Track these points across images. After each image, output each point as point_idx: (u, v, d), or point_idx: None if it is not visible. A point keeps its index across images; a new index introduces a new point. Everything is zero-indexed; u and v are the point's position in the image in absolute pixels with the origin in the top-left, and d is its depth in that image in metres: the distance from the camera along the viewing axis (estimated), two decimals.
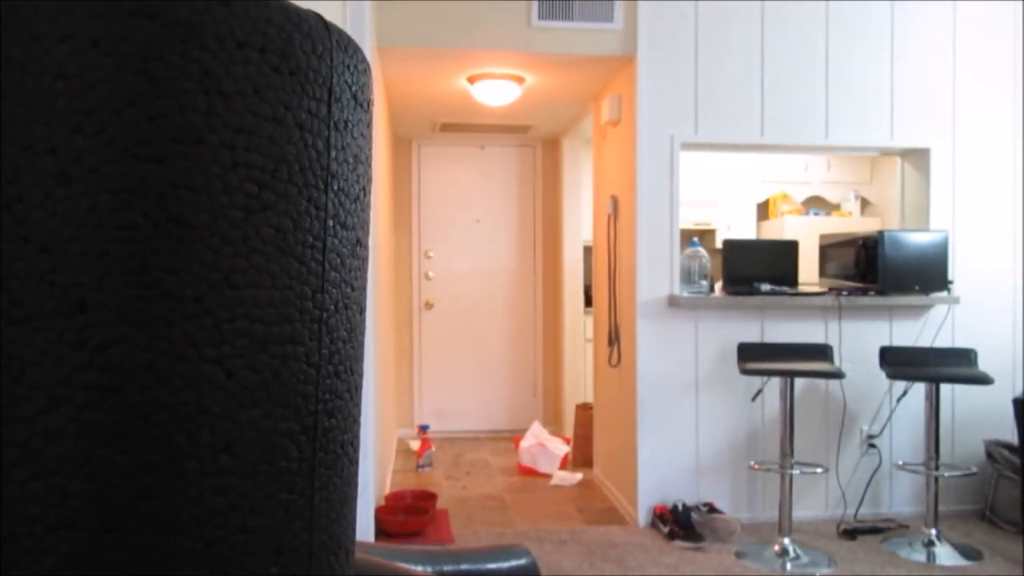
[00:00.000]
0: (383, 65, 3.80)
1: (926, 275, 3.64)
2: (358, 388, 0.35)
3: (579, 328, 5.50)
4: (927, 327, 3.85)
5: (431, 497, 3.77)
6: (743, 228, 5.95)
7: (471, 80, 4.08)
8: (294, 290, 0.30)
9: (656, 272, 3.71)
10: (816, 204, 6.08)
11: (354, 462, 0.35)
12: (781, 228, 5.74)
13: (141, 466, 0.26)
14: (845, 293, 3.72)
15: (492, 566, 0.64)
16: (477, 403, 5.71)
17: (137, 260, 0.26)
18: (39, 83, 0.26)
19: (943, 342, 3.79)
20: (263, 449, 0.29)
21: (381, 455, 3.76)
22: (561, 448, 4.68)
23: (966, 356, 3.49)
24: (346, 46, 0.32)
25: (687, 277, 3.76)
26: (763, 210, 6.11)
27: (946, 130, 3.91)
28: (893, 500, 3.89)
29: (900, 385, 3.74)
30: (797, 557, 3.25)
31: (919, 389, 3.66)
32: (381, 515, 3.37)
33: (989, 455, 3.80)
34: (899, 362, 3.51)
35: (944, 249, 3.65)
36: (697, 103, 3.74)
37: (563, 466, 4.62)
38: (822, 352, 3.52)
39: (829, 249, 4.18)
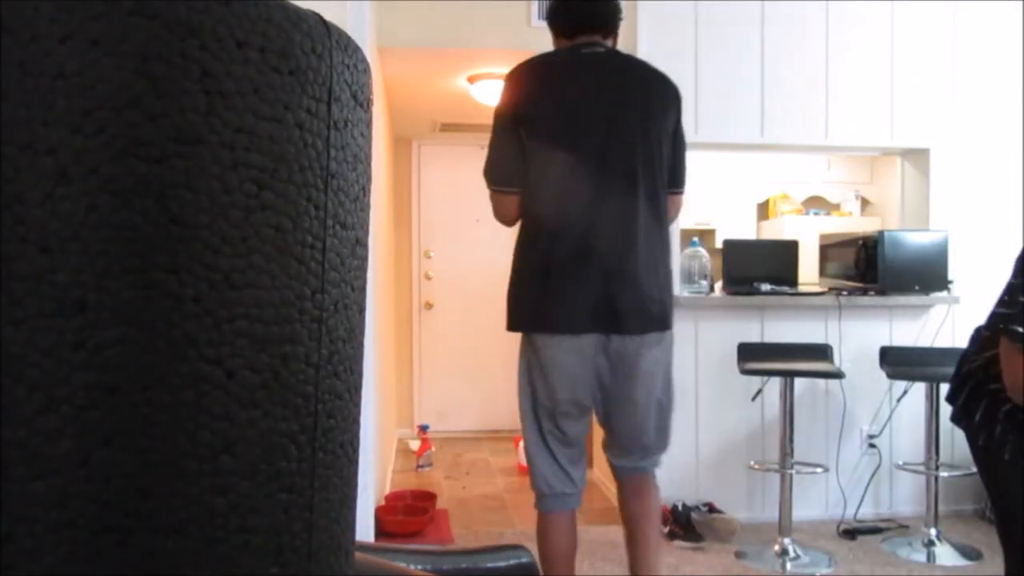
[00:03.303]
0: (383, 65, 3.80)
1: (926, 275, 3.64)
2: (358, 388, 0.35)
3: None
4: (927, 327, 3.85)
5: (431, 497, 3.77)
6: (743, 228, 5.95)
7: (471, 80, 4.08)
8: (294, 290, 0.30)
9: None
10: (816, 204, 6.09)
11: (354, 462, 0.35)
12: (781, 228, 5.75)
13: (141, 466, 0.26)
14: (845, 293, 3.72)
15: (492, 566, 0.64)
16: (477, 403, 5.71)
17: (137, 260, 0.26)
18: (39, 83, 0.26)
19: (943, 342, 3.79)
20: (263, 449, 0.29)
21: (381, 455, 3.76)
22: None
23: None
24: (346, 46, 0.32)
25: (687, 277, 3.76)
26: (763, 210, 6.11)
27: (946, 130, 3.91)
28: (893, 500, 3.89)
29: (900, 385, 3.74)
30: (797, 557, 3.25)
31: (919, 389, 3.66)
32: (381, 515, 3.37)
33: None
34: (899, 362, 3.51)
35: (944, 249, 3.65)
36: (697, 103, 3.74)
37: None
38: (822, 352, 3.52)
39: (829, 249, 4.17)
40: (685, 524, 3.49)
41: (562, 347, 2.05)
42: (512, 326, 2.14)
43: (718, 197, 5.90)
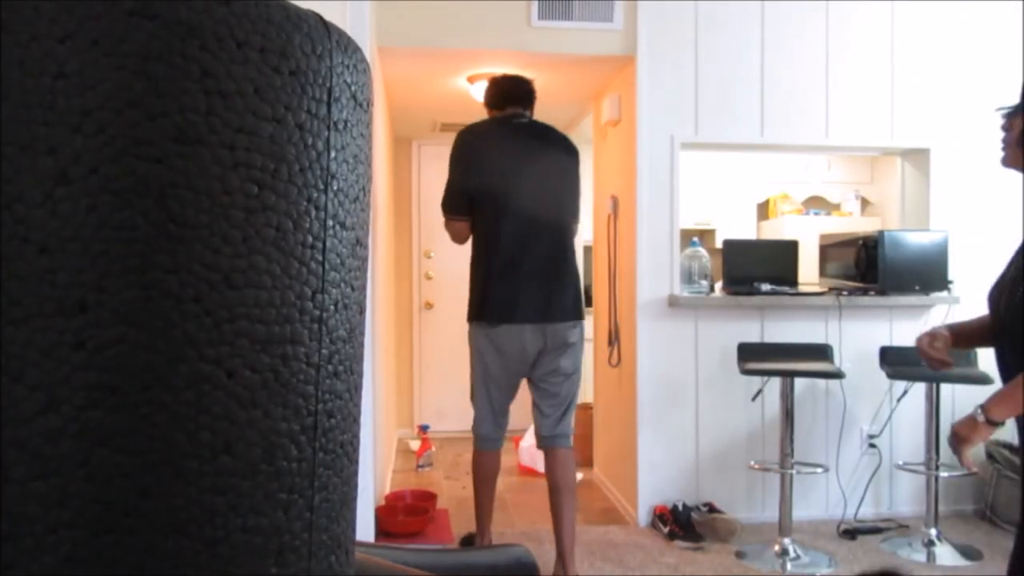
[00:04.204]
0: (383, 65, 3.80)
1: (926, 275, 3.64)
2: (358, 388, 0.35)
3: None
4: (927, 327, 3.84)
5: (431, 497, 3.77)
6: (743, 228, 5.95)
7: (471, 80, 4.08)
8: (294, 290, 0.30)
9: (656, 272, 3.71)
10: (816, 204, 6.09)
11: (354, 462, 0.35)
12: (781, 228, 5.74)
13: (141, 466, 0.27)
14: (845, 293, 3.72)
15: (492, 566, 0.64)
16: None
17: (137, 260, 0.26)
18: (39, 83, 0.26)
19: None
20: (263, 449, 0.29)
21: (381, 455, 3.76)
22: None
23: (966, 356, 3.49)
24: (346, 46, 0.32)
25: (687, 277, 3.76)
26: (763, 210, 6.11)
27: (946, 130, 3.91)
28: (893, 500, 3.89)
29: (900, 385, 3.74)
30: (797, 557, 3.25)
31: (919, 389, 3.66)
32: (381, 515, 3.37)
33: (989, 455, 3.80)
34: (899, 362, 3.51)
35: (944, 249, 3.65)
36: (697, 103, 3.74)
37: None
38: (822, 352, 3.52)
39: (829, 249, 4.17)
40: (685, 524, 3.49)
41: (511, 333, 2.94)
42: (475, 318, 3.07)
43: (718, 197, 5.90)
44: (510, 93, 3.08)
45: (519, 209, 2.90)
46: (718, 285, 3.90)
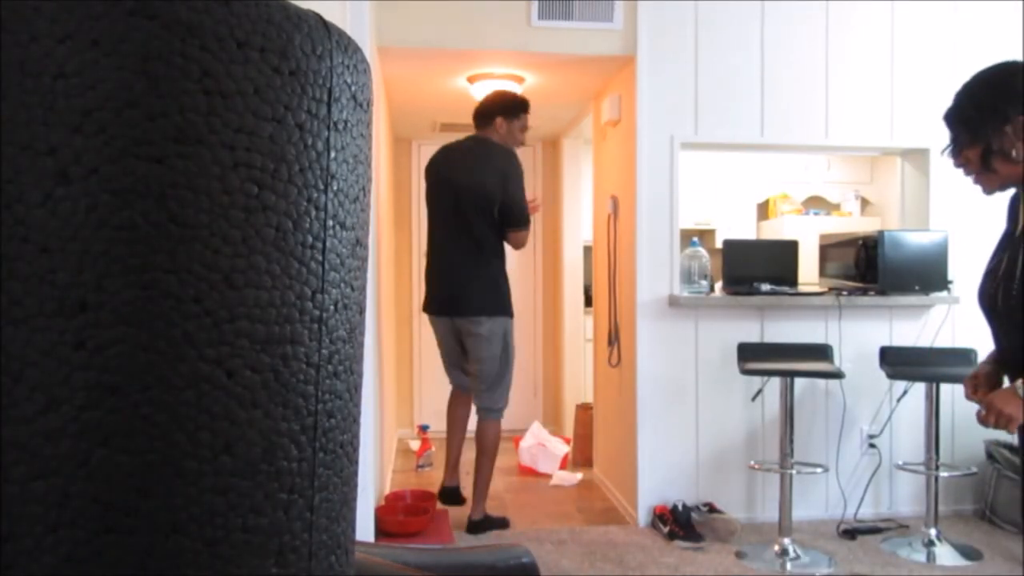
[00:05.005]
0: (383, 65, 3.80)
1: (926, 275, 3.64)
2: (358, 388, 0.35)
3: (579, 328, 5.50)
4: (927, 327, 3.85)
5: (431, 497, 3.77)
6: (743, 228, 5.94)
7: (471, 80, 4.08)
8: (294, 290, 0.30)
9: (656, 272, 3.71)
10: (816, 204, 6.08)
11: (354, 462, 0.35)
12: (781, 228, 5.74)
13: (141, 466, 0.27)
14: (845, 293, 3.72)
15: (492, 566, 0.64)
16: None
17: (137, 260, 0.26)
18: (39, 83, 0.26)
19: (943, 342, 3.79)
20: (263, 449, 0.29)
21: (381, 455, 3.76)
22: (561, 448, 4.68)
23: (966, 356, 3.49)
24: (346, 46, 0.32)
25: (687, 277, 3.76)
26: (763, 210, 6.11)
27: (946, 130, 3.91)
28: (893, 500, 3.89)
29: (900, 385, 3.74)
30: (797, 557, 3.25)
31: (919, 389, 3.66)
32: (381, 515, 3.37)
33: (989, 455, 3.80)
34: (899, 362, 3.51)
35: (944, 249, 3.65)
36: (697, 103, 3.74)
37: (563, 466, 4.62)
38: (822, 352, 3.52)
39: (829, 249, 4.17)
40: (685, 524, 3.49)
41: (434, 322, 3.69)
42: (424, 309, 3.75)
43: (718, 197, 5.89)
44: (476, 117, 3.64)
45: (442, 218, 3.54)
46: (718, 285, 3.89)
